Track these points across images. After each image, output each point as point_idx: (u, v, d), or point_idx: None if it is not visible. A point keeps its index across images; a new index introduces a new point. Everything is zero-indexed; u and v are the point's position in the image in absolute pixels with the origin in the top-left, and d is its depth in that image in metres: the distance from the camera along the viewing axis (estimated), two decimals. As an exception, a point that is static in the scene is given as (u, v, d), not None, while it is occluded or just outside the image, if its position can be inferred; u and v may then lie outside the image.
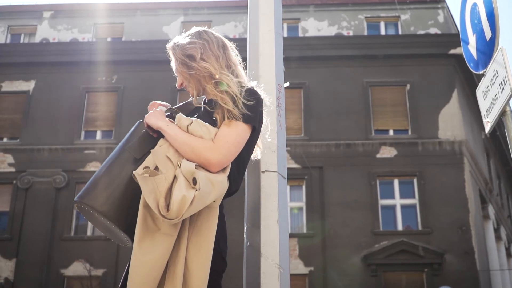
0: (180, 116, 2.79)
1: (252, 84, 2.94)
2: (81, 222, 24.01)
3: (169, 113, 2.92)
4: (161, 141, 2.74)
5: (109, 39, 28.09)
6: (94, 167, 24.12)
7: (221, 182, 2.63)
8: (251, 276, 3.00)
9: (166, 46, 3.06)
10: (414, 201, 23.43)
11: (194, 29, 3.05)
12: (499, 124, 21.94)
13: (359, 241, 22.53)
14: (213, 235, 2.61)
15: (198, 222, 2.62)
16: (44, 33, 28.11)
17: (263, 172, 3.14)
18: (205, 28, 3.05)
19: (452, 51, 24.72)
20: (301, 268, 22.28)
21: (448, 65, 25.07)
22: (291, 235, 22.00)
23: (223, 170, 2.69)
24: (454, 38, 24.56)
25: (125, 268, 2.71)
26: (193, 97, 3.03)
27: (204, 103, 2.98)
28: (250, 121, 2.76)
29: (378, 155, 23.95)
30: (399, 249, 22.38)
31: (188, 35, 3.02)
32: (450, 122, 24.22)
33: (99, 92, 25.81)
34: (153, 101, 3.01)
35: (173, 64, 3.03)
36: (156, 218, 2.54)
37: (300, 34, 27.33)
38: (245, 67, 3.06)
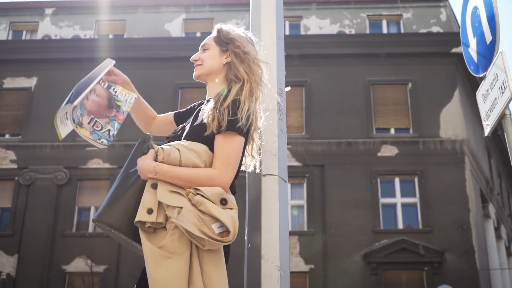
0: (161, 150, 2.79)
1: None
2: (82, 219, 24.08)
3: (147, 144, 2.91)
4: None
5: (111, 36, 28.10)
6: (95, 164, 24.19)
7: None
8: (252, 278, 3.05)
9: (216, 26, 3.19)
10: (415, 199, 23.45)
11: (247, 33, 3.19)
12: (501, 124, 21.90)
13: (360, 239, 22.56)
14: (222, 249, 2.69)
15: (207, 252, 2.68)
16: (46, 30, 28.14)
17: (264, 175, 3.18)
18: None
19: (454, 50, 24.70)
20: (301, 266, 22.32)
21: (450, 64, 25.07)
22: (292, 233, 22.04)
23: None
24: (456, 37, 24.52)
25: (126, 264, 2.79)
26: (195, 76, 3.15)
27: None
28: (242, 133, 2.82)
29: (379, 154, 23.98)
30: (400, 247, 22.42)
31: (245, 35, 3.15)
32: (451, 121, 24.24)
33: (101, 89, 25.78)
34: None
35: (208, 40, 3.16)
36: (162, 246, 2.61)
37: (302, 32, 27.34)
38: None
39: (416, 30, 26.96)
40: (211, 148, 2.80)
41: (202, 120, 2.86)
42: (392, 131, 24.80)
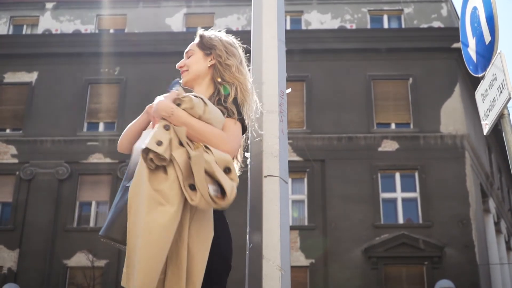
0: (188, 99, 2.81)
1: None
2: (83, 213, 24.15)
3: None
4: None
5: (111, 31, 28.10)
6: (96, 158, 24.24)
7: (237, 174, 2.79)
8: (253, 278, 3.09)
9: (198, 32, 3.25)
10: (415, 194, 23.51)
11: (228, 36, 3.23)
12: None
13: (360, 234, 22.62)
14: (212, 221, 2.70)
15: (198, 209, 2.68)
16: (47, 24, 28.13)
17: (265, 176, 3.22)
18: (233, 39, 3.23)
19: (455, 45, 24.69)
20: (302, 260, 22.39)
21: (451, 59, 25.07)
22: (292, 228, 22.09)
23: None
24: (457, 32, 24.28)
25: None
26: (183, 82, 3.21)
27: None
28: (243, 122, 2.96)
29: (380, 149, 24.02)
30: (400, 242, 22.48)
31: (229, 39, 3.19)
32: (452, 116, 24.27)
33: (102, 84, 25.88)
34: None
35: (191, 47, 3.23)
36: (163, 195, 2.59)
37: (303, 27, 27.33)
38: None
39: (417, 25, 26.96)
40: None
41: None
42: (393, 126, 24.85)
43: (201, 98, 2.81)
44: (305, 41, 25.20)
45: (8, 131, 25.60)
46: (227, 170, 2.62)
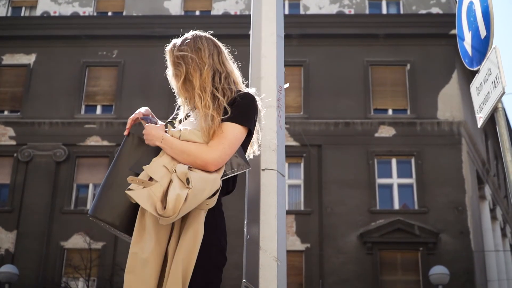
0: (170, 130, 3.02)
1: (251, 90, 3.12)
2: (81, 196, 24.24)
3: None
4: (161, 153, 2.97)
5: (110, 14, 28.05)
6: (94, 141, 24.29)
7: (214, 180, 2.83)
8: (250, 268, 3.19)
9: (165, 49, 3.27)
10: (411, 180, 23.61)
11: (191, 34, 3.23)
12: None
13: (356, 219, 22.74)
14: (200, 235, 2.81)
15: (187, 223, 2.83)
16: (45, 6, 28.02)
17: (263, 170, 3.31)
18: (200, 33, 3.23)
19: (453, 32, 24.62)
20: (297, 245, 22.52)
21: (449, 46, 25.04)
22: (289, 212, 22.19)
23: (217, 170, 2.88)
24: (455, 19, 24.47)
25: (124, 241, 2.98)
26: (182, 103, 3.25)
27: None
28: (245, 124, 2.97)
29: (376, 134, 24.08)
30: (395, 227, 22.60)
31: (184, 42, 3.21)
32: (449, 103, 24.34)
33: (100, 67, 25.89)
34: (136, 112, 3.16)
35: (169, 70, 3.29)
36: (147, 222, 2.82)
37: (301, 12, 27.29)
38: (240, 69, 3.23)
39: (416, 11, 26.95)
40: None
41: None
42: (390, 112, 24.90)
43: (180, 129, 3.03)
44: (303, 26, 25.19)
45: (6, 113, 25.62)
46: (187, 181, 2.74)
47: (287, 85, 3.57)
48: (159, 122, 3.14)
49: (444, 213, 22.64)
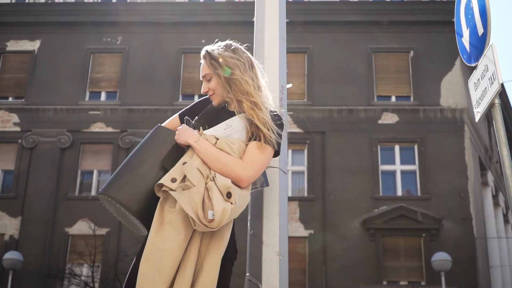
0: (205, 134, 3.07)
1: (274, 107, 3.27)
2: (85, 182, 24.36)
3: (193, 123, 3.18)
4: (189, 153, 3.02)
5: (114, 0, 28.06)
6: (98, 127, 24.38)
7: (247, 197, 3.00)
8: (254, 262, 3.32)
9: (201, 54, 3.28)
10: (414, 167, 23.70)
11: (228, 43, 3.27)
12: (502, 93, 22.10)
13: (359, 206, 22.85)
14: (226, 239, 2.94)
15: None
16: (50, -8, 28.05)
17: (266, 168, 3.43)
18: (239, 46, 3.28)
19: (456, 19, 24.61)
20: (301, 231, 22.65)
21: (452, 33, 24.49)
22: (292, 199, 22.32)
23: (247, 186, 3.03)
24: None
25: (127, 228, 3.05)
26: (215, 105, 3.29)
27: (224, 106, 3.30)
28: (278, 149, 3.14)
29: (379, 121, 24.14)
30: (398, 214, 22.70)
31: (225, 48, 3.23)
32: (452, 90, 24.37)
33: (104, 53, 25.93)
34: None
35: (205, 70, 3.25)
36: (171, 217, 2.88)
37: (305, -2, 27.29)
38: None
39: (419, -2, 26.89)
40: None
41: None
42: (393, 99, 24.95)
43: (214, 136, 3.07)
44: (306, 13, 25.21)
45: (10, 99, 25.71)
46: (228, 195, 2.85)
47: (289, 85, 3.67)
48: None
49: (446, 199, 22.74)
